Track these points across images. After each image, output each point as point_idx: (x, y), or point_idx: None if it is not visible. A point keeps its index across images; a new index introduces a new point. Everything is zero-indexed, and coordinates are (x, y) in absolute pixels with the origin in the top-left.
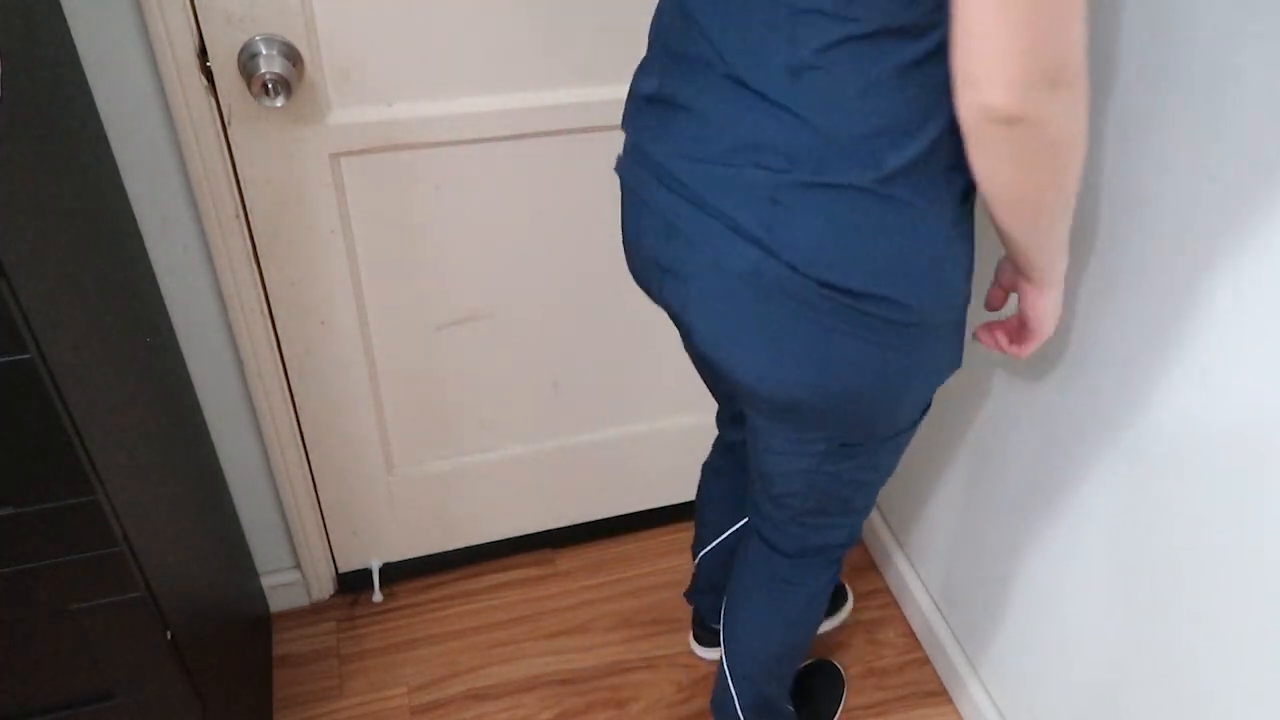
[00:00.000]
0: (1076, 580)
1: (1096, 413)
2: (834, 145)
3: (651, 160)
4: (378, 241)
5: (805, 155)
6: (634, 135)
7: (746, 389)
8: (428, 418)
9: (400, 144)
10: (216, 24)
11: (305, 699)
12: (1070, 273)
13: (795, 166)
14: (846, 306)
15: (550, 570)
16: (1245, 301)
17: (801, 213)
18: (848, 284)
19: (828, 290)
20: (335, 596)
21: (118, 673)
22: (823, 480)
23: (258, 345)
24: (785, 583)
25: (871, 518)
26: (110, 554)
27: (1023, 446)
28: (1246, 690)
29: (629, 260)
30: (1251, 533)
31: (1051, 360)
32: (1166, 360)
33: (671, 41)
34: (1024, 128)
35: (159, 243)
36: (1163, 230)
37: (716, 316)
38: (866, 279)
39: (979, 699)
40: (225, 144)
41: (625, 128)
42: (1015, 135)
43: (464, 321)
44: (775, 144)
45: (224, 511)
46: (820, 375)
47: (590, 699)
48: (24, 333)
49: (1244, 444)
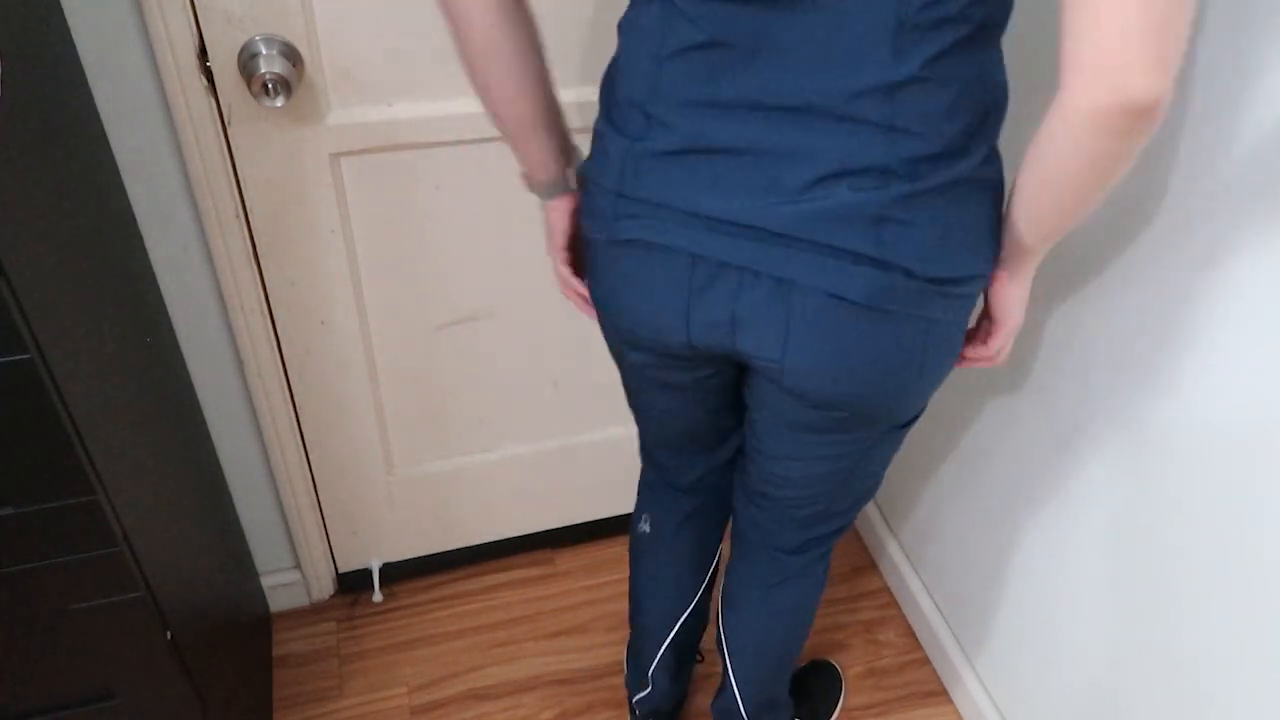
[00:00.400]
0: (1076, 580)
1: (1095, 412)
2: (932, 150)
3: (698, 215)
4: (378, 241)
5: (902, 168)
6: (654, 193)
7: (834, 406)
8: (428, 418)
9: (400, 144)
10: (216, 24)
11: (305, 699)
12: (1070, 272)
13: (893, 182)
14: (949, 295)
15: (550, 570)
16: (1245, 300)
17: (910, 222)
18: (955, 273)
19: (936, 285)
20: (335, 596)
21: (118, 673)
22: (846, 477)
23: (258, 345)
24: (788, 579)
25: (871, 518)
26: (110, 554)
27: (1022, 446)
28: (1246, 690)
29: (633, 328)
30: (1251, 532)
31: (1051, 360)
32: (1166, 359)
33: (689, 91)
34: (1157, 113)
35: (159, 243)
36: (1162, 228)
37: (826, 347)
38: (968, 263)
39: (979, 699)
40: (225, 144)
41: (627, 190)
42: (1141, 125)
43: (464, 321)
44: (867, 165)
45: (224, 511)
46: (917, 375)
47: (590, 699)
48: (24, 333)
49: (1244, 443)
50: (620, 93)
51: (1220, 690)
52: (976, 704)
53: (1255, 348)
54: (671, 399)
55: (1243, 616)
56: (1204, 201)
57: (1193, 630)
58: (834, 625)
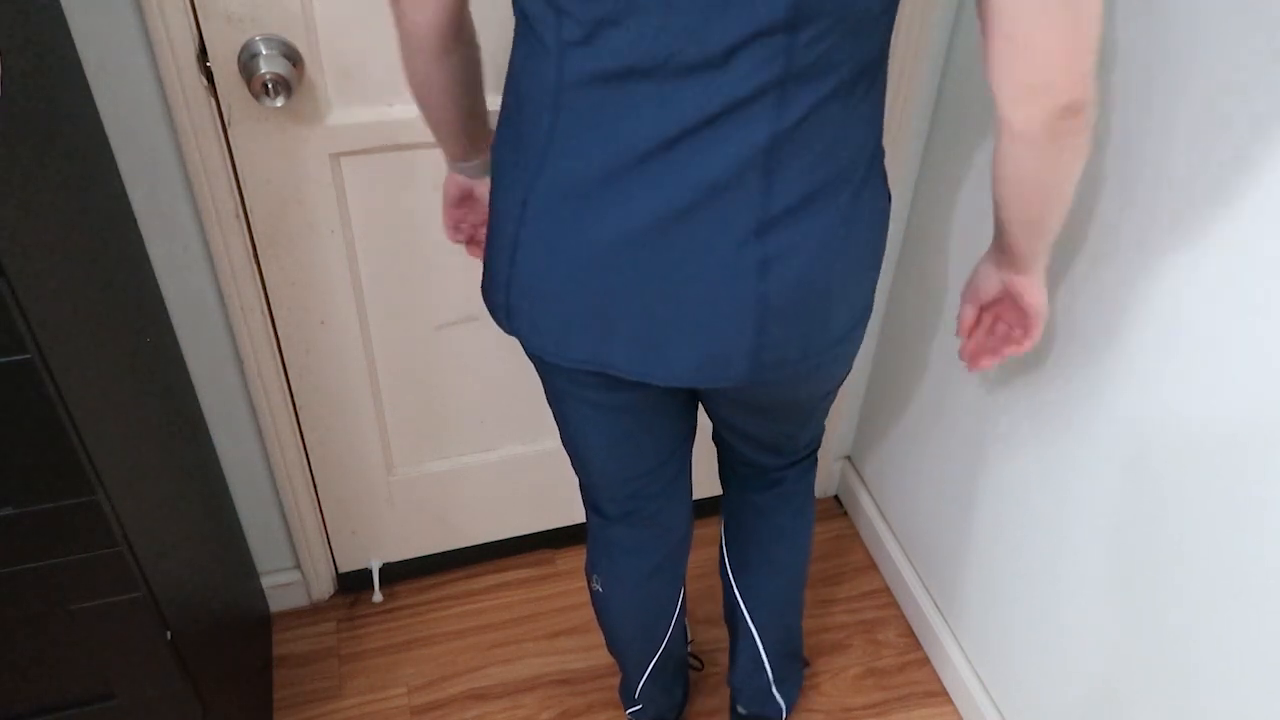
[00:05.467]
0: (1076, 580)
1: (1096, 412)
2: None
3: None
4: (378, 241)
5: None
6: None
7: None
8: (428, 418)
9: (400, 144)
10: (216, 24)
11: (305, 699)
12: (1071, 272)
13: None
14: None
15: (550, 570)
16: (1246, 299)
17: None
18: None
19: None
20: (335, 596)
21: (118, 673)
22: (831, 400)
23: (258, 345)
24: (791, 496)
25: (872, 518)
26: (110, 554)
27: (1021, 446)
28: (1245, 690)
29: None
30: (1251, 532)
31: (1050, 360)
32: (1166, 358)
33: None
34: (1088, 112)
35: (159, 243)
36: (1162, 227)
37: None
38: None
39: (979, 699)
40: (225, 144)
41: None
42: (1079, 124)
43: (464, 321)
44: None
45: (224, 511)
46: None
47: (590, 699)
48: (24, 333)
49: (1244, 442)
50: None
51: (1219, 689)
52: (976, 704)
53: (1255, 345)
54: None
55: (1242, 616)
56: (1203, 199)
57: (1194, 629)
58: (834, 625)
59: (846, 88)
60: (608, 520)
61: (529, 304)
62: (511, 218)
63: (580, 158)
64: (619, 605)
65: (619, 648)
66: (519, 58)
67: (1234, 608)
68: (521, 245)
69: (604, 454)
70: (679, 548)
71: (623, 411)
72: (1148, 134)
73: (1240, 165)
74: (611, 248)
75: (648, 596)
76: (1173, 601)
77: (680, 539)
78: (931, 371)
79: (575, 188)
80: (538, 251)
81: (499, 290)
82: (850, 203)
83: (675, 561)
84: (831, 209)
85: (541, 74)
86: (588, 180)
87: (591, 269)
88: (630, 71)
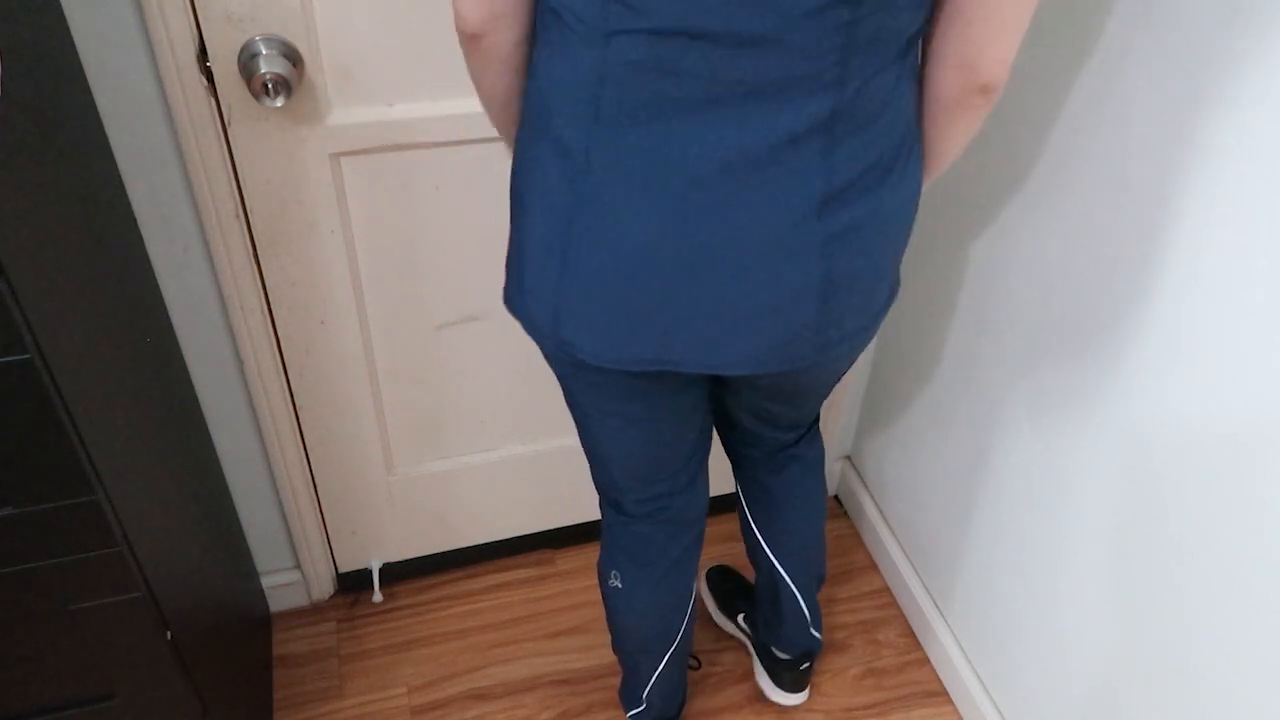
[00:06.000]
0: (1076, 580)
1: (1096, 412)
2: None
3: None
4: (378, 241)
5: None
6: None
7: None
8: (428, 418)
9: (400, 144)
10: (216, 24)
11: (305, 699)
12: (1070, 273)
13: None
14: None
15: (550, 570)
16: (1246, 298)
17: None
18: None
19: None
20: (335, 596)
21: (118, 673)
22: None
23: (258, 345)
24: (811, 463)
25: (872, 518)
26: (110, 554)
27: (1021, 445)
28: (1245, 690)
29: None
30: (1251, 531)
31: (1051, 360)
32: (1166, 358)
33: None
34: (998, 94)
35: (159, 243)
36: (1162, 226)
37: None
38: None
39: (979, 699)
40: (225, 144)
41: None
42: (990, 100)
43: (464, 321)
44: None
45: (224, 511)
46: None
47: (590, 699)
48: (24, 333)
49: (1244, 442)
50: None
51: (1220, 689)
52: (976, 704)
53: (1255, 344)
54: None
55: (1244, 614)
56: (1202, 199)
57: (1194, 629)
58: (834, 625)
59: (898, 58)
60: (630, 518)
61: (586, 305)
62: (559, 218)
63: (633, 149)
64: (640, 600)
65: (631, 645)
66: (544, 56)
67: (1234, 607)
68: (575, 244)
69: (634, 457)
70: (697, 539)
71: (654, 411)
72: (1145, 134)
73: (1241, 163)
74: (675, 238)
75: (669, 590)
76: (1173, 601)
77: (699, 531)
78: (932, 372)
79: (632, 181)
80: (597, 249)
81: (544, 298)
82: (899, 177)
83: (692, 553)
84: (885, 183)
85: (578, 68)
86: (645, 173)
87: (655, 261)
88: (685, 53)
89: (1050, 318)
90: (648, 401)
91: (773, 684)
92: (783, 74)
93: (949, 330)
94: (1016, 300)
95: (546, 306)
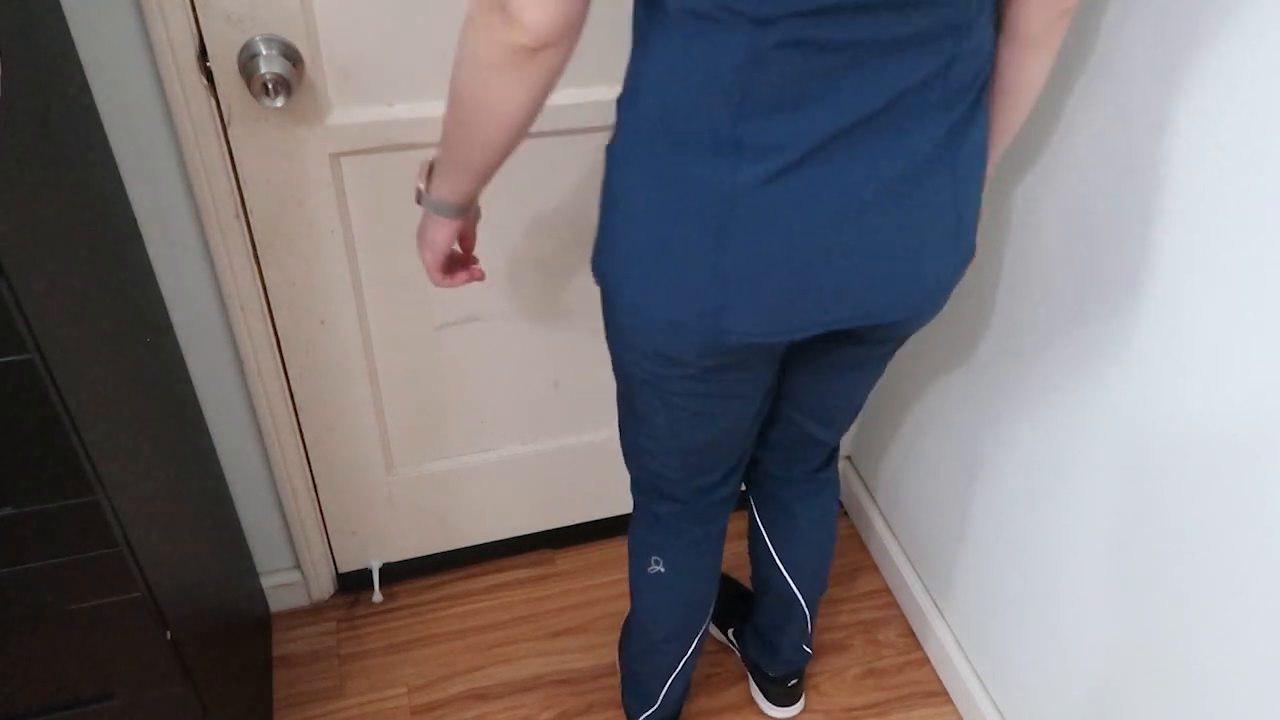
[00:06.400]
0: (1076, 579)
1: (1096, 412)
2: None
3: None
4: (378, 241)
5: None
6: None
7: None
8: (428, 418)
9: (400, 144)
10: (216, 24)
11: (305, 699)
12: (1070, 274)
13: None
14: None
15: (550, 570)
16: (1246, 297)
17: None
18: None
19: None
20: (335, 596)
21: (118, 673)
22: (868, 390)
23: (258, 345)
24: (835, 484)
25: (872, 518)
26: (110, 554)
27: (1022, 445)
28: (1246, 690)
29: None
30: (1251, 531)
31: (1051, 360)
32: (1166, 358)
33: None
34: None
35: (159, 243)
36: (1161, 226)
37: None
38: None
39: (979, 699)
40: (225, 144)
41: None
42: (1068, 22)
43: (464, 321)
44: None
45: (224, 511)
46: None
47: (590, 699)
48: (24, 333)
49: (1244, 441)
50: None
51: (1220, 689)
52: (976, 704)
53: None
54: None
55: (1244, 614)
56: (1201, 200)
57: (1194, 629)
58: (834, 625)
59: (986, 25)
60: (683, 504)
61: (750, 288)
62: (705, 217)
63: (787, 129)
64: (683, 579)
65: (664, 634)
66: (662, 55)
67: (1234, 607)
68: (736, 234)
69: (707, 443)
70: (727, 518)
71: (744, 394)
72: (1148, 130)
73: (1241, 161)
74: (840, 205)
75: (710, 565)
76: (1173, 601)
77: (730, 511)
78: (932, 372)
79: (787, 159)
80: (764, 232)
81: (699, 293)
82: (983, 114)
83: (724, 530)
84: (976, 122)
85: (721, 59)
86: (801, 150)
87: (824, 230)
88: (843, 25)
89: (1050, 316)
90: (751, 372)
91: (767, 700)
92: (928, 26)
93: (948, 330)
94: (1016, 299)
95: (703, 301)
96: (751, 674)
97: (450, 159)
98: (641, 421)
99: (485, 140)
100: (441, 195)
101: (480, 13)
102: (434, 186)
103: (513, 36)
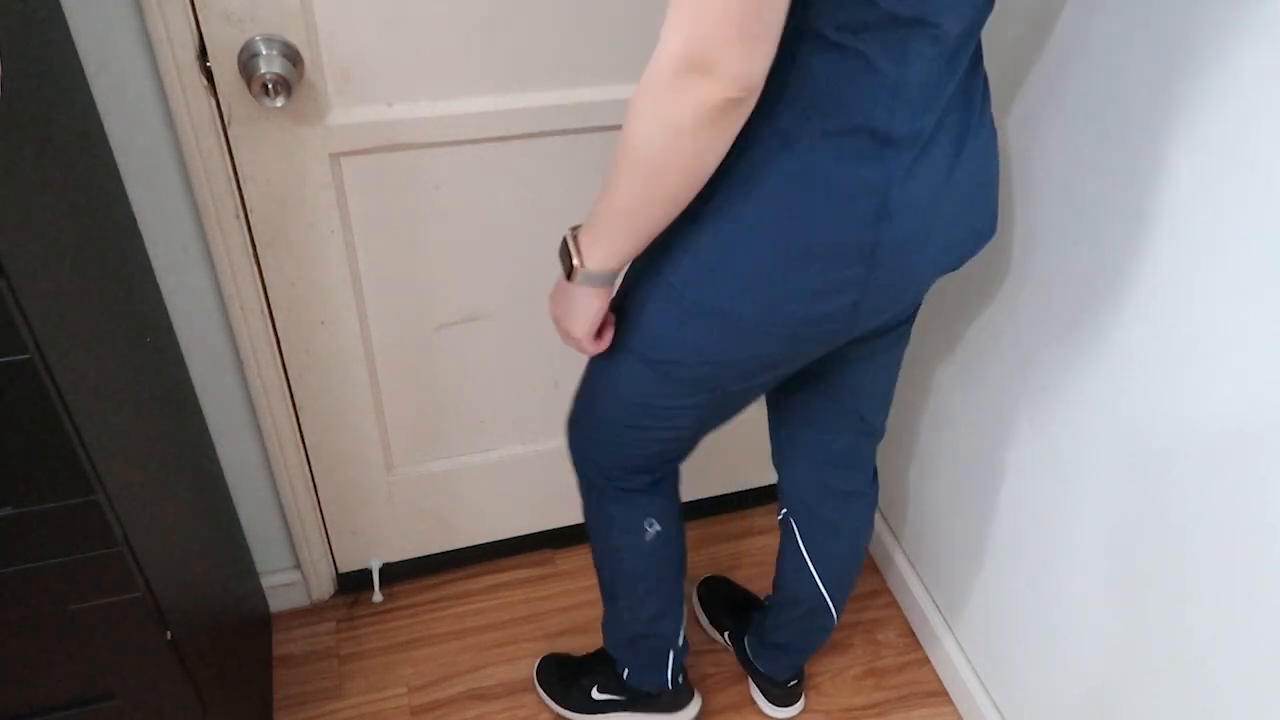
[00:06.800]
0: (1076, 580)
1: (1097, 413)
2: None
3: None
4: (378, 241)
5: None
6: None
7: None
8: (428, 418)
9: (400, 144)
10: (216, 24)
11: (305, 699)
12: (1071, 274)
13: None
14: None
15: (550, 570)
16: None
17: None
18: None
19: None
20: (335, 596)
21: (118, 673)
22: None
23: (258, 345)
24: (868, 483)
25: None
26: (110, 554)
27: (1022, 445)
28: (1246, 689)
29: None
30: (1251, 531)
31: (1051, 360)
32: (1166, 358)
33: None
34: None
35: (159, 243)
36: (1161, 226)
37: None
38: None
39: (979, 699)
40: (225, 144)
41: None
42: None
43: (464, 321)
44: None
45: (224, 511)
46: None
47: None
48: (24, 333)
49: (1244, 442)
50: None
51: (1221, 689)
52: (976, 704)
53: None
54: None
55: (1244, 614)
56: (1201, 202)
57: (1194, 629)
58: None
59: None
60: (667, 475)
61: (886, 272)
62: (865, 203)
63: (924, 124)
64: (675, 532)
65: (668, 589)
66: (835, 71)
67: (1235, 607)
68: (886, 221)
69: (713, 425)
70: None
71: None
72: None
73: (1241, 161)
74: (950, 185)
75: (680, 515)
76: (1173, 601)
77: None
78: (931, 372)
79: (916, 146)
80: (905, 218)
81: (847, 286)
82: (986, 103)
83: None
84: (987, 105)
85: (885, 70)
86: (927, 138)
87: (932, 215)
88: (955, 32)
89: (1050, 316)
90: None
91: (767, 700)
92: (979, 13)
93: (948, 329)
94: (1016, 298)
95: (842, 297)
96: (751, 674)
97: (623, 228)
98: (657, 417)
99: (674, 201)
100: (605, 266)
101: (672, 78)
102: (595, 259)
103: (716, 93)
